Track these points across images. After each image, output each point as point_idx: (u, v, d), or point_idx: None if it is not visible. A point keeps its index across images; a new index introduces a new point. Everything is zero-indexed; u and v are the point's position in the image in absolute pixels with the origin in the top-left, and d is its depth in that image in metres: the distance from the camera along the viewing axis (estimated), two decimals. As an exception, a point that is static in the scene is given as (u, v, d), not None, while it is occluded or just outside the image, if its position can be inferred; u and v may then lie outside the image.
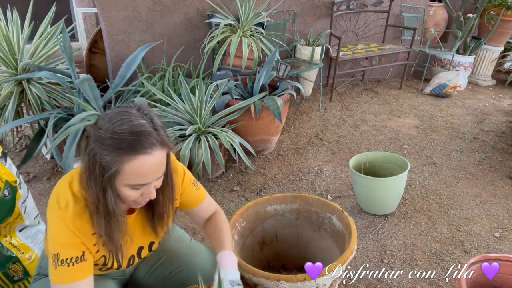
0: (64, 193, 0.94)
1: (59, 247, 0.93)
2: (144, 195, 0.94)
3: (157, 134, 0.88)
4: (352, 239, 1.35)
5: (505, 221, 2.15)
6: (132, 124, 0.86)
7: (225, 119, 2.50)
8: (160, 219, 1.08)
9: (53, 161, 2.69)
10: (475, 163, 2.77)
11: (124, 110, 0.89)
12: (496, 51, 4.48)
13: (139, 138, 0.85)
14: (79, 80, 2.18)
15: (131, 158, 0.85)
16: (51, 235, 0.94)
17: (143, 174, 0.88)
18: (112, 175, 0.87)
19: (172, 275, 1.26)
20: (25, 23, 2.54)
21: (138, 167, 0.86)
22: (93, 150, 0.87)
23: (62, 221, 0.92)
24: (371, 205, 2.18)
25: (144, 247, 1.14)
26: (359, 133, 3.19)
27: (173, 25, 3.09)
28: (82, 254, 0.95)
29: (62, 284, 0.92)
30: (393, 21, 4.28)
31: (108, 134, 0.85)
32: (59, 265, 0.92)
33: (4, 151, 1.47)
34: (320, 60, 3.51)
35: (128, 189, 0.90)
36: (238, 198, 2.34)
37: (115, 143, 0.85)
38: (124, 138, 0.85)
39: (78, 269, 0.93)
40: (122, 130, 0.85)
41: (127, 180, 0.88)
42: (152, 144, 0.87)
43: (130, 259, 1.11)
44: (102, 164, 0.86)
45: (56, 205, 0.93)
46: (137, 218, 1.09)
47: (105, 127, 0.86)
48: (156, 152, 0.88)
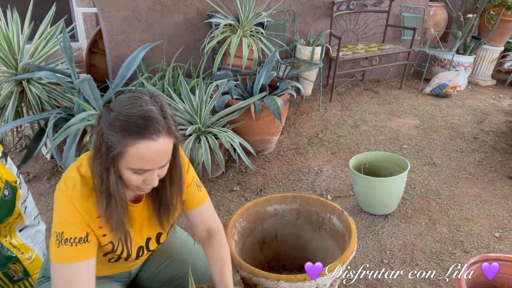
0: (72, 174, 0.96)
1: (65, 226, 0.93)
2: (147, 181, 0.94)
3: (164, 122, 0.89)
4: (352, 239, 1.35)
5: (505, 221, 2.15)
6: (142, 109, 0.87)
7: (225, 119, 2.50)
8: (166, 211, 1.08)
9: (53, 161, 2.70)
10: (475, 163, 2.77)
11: (136, 95, 0.91)
12: (496, 51, 4.48)
13: (146, 123, 0.86)
14: (79, 80, 2.17)
15: (136, 142, 0.86)
16: (57, 213, 0.94)
17: (146, 159, 0.88)
18: (116, 155, 0.87)
19: (175, 279, 1.25)
20: (25, 23, 2.54)
21: (142, 151, 0.87)
22: (101, 129, 0.88)
23: (69, 201, 0.93)
24: (371, 205, 2.18)
25: (152, 238, 1.13)
26: (359, 133, 3.19)
27: (173, 25, 3.09)
28: (86, 235, 0.95)
29: (62, 263, 0.92)
30: (393, 21, 4.28)
31: (118, 116, 0.87)
32: (62, 243, 0.92)
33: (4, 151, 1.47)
34: (320, 60, 3.51)
35: (130, 172, 0.91)
36: (238, 198, 2.34)
37: (123, 125, 0.86)
38: (132, 121, 0.86)
39: (80, 250, 0.93)
40: (131, 113, 0.86)
41: (130, 164, 0.89)
42: (158, 130, 0.87)
43: (139, 250, 1.11)
44: (108, 144, 0.87)
45: (64, 186, 0.94)
46: (144, 208, 1.09)
47: (116, 109, 0.88)
48: (161, 139, 0.88)
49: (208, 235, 1.19)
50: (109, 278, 1.19)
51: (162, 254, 1.29)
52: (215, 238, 1.19)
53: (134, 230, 1.08)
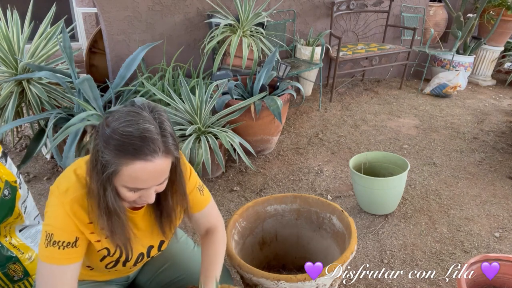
0: (67, 178, 0.95)
1: (54, 229, 0.92)
2: (143, 198, 0.93)
3: (162, 142, 0.86)
4: (352, 239, 1.35)
5: (505, 221, 2.15)
6: (138, 128, 0.83)
7: (225, 119, 2.50)
8: (168, 220, 1.07)
9: (53, 161, 2.70)
10: (475, 163, 2.77)
11: (135, 111, 0.86)
12: (496, 51, 4.48)
13: (141, 143, 0.83)
14: (79, 80, 2.17)
15: (130, 162, 0.84)
16: (49, 215, 0.94)
17: (140, 179, 0.86)
18: (110, 174, 0.86)
19: (174, 282, 1.25)
20: (25, 23, 2.55)
21: (135, 172, 0.85)
22: (97, 146, 0.87)
23: (61, 206, 0.92)
24: (371, 205, 2.18)
25: (154, 246, 1.13)
26: (359, 133, 3.19)
27: (173, 25, 3.09)
28: (75, 240, 0.94)
29: (49, 264, 0.92)
30: (393, 21, 4.28)
31: (112, 134, 0.84)
32: (51, 245, 0.92)
33: (4, 151, 1.47)
34: (320, 60, 3.51)
35: (125, 190, 0.89)
36: (238, 198, 2.34)
37: (117, 144, 0.83)
38: (127, 141, 0.83)
39: (67, 254, 0.93)
40: (126, 132, 0.83)
41: (125, 183, 0.87)
42: (154, 151, 0.84)
43: (139, 257, 1.10)
44: (102, 162, 0.86)
45: (56, 189, 0.94)
46: (145, 216, 1.08)
47: (112, 125, 0.85)
48: (157, 160, 0.85)
49: (206, 233, 1.21)
50: (107, 282, 1.19)
51: (161, 258, 1.28)
52: (212, 235, 1.20)
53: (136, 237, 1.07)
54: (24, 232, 1.53)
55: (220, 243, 1.19)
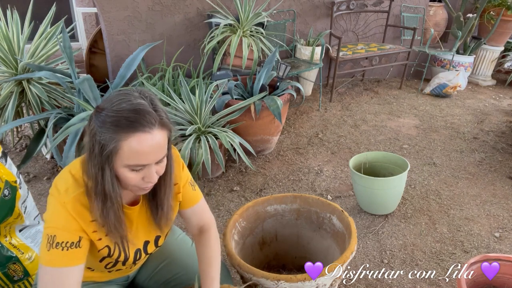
0: (64, 178, 0.94)
1: (57, 230, 0.91)
2: (146, 179, 0.92)
3: (156, 114, 0.88)
4: (352, 239, 1.35)
5: (505, 221, 2.15)
6: (131, 103, 0.86)
7: (225, 119, 2.50)
8: (163, 213, 1.07)
9: (53, 161, 2.69)
10: (475, 163, 2.77)
11: (124, 92, 0.90)
12: (496, 51, 4.48)
13: (137, 115, 0.85)
14: (79, 80, 2.17)
15: (129, 136, 0.84)
16: (50, 218, 0.93)
17: (141, 153, 0.86)
18: (110, 153, 0.86)
19: (173, 279, 1.25)
20: (25, 23, 2.55)
21: (136, 145, 0.85)
22: (93, 130, 0.87)
23: (62, 206, 0.91)
24: (371, 205, 2.18)
25: (150, 241, 1.13)
26: (359, 133, 3.19)
27: (173, 25, 3.09)
28: (78, 240, 0.93)
29: (52, 267, 0.90)
30: (393, 21, 4.28)
31: (107, 113, 0.85)
32: (53, 247, 0.90)
33: (4, 151, 1.47)
34: (320, 60, 3.51)
35: (127, 170, 0.89)
36: (238, 198, 2.34)
37: (113, 120, 0.84)
38: (122, 115, 0.84)
39: (71, 254, 0.92)
40: (121, 108, 0.85)
41: (125, 160, 0.87)
42: (151, 123, 0.86)
43: (136, 253, 1.10)
44: (100, 142, 0.86)
45: (56, 190, 0.93)
46: (142, 211, 1.08)
47: (105, 107, 0.87)
48: (155, 131, 0.87)
49: (199, 232, 1.20)
50: (107, 282, 1.19)
51: (160, 256, 1.28)
52: (205, 235, 1.19)
53: (131, 233, 1.06)
54: (24, 232, 1.54)
55: (215, 243, 1.19)
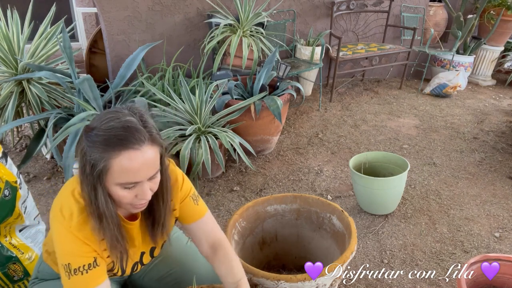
0: (67, 202, 0.93)
1: (69, 257, 0.91)
2: (139, 196, 0.90)
3: (146, 131, 0.87)
4: (352, 239, 1.35)
5: (505, 221, 2.15)
6: (120, 121, 0.85)
7: (225, 119, 2.50)
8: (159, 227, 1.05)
9: (53, 161, 2.69)
10: (475, 163, 2.77)
11: (113, 110, 0.89)
12: (496, 51, 4.48)
13: (126, 133, 0.84)
14: (79, 80, 2.18)
15: (119, 154, 0.84)
16: (59, 246, 0.92)
17: (132, 171, 0.85)
18: (100, 172, 0.85)
19: (167, 275, 1.26)
20: (25, 23, 2.54)
21: (126, 163, 0.84)
22: (83, 149, 0.87)
23: (69, 232, 0.90)
24: (371, 205, 2.18)
25: (146, 252, 1.13)
26: (359, 133, 3.19)
27: (173, 25, 3.09)
28: (94, 260, 0.93)
29: None
30: (393, 21, 4.28)
31: (97, 132, 0.85)
32: (73, 274, 0.90)
33: (4, 151, 1.47)
34: (320, 60, 3.51)
35: (119, 188, 0.88)
36: (238, 198, 2.34)
37: (102, 139, 0.84)
38: (111, 133, 0.84)
39: (92, 275, 0.92)
40: (109, 126, 0.85)
41: (117, 178, 0.86)
42: (140, 139, 0.85)
43: (134, 266, 1.11)
44: (91, 162, 0.85)
45: (60, 215, 0.91)
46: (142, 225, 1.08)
47: (94, 126, 0.86)
48: (145, 148, 0.86)
49: (213, 250, 1.14)
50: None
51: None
52: (220, 252, 1.12)
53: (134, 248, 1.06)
54: (24, 232, 1.54)
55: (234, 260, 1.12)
